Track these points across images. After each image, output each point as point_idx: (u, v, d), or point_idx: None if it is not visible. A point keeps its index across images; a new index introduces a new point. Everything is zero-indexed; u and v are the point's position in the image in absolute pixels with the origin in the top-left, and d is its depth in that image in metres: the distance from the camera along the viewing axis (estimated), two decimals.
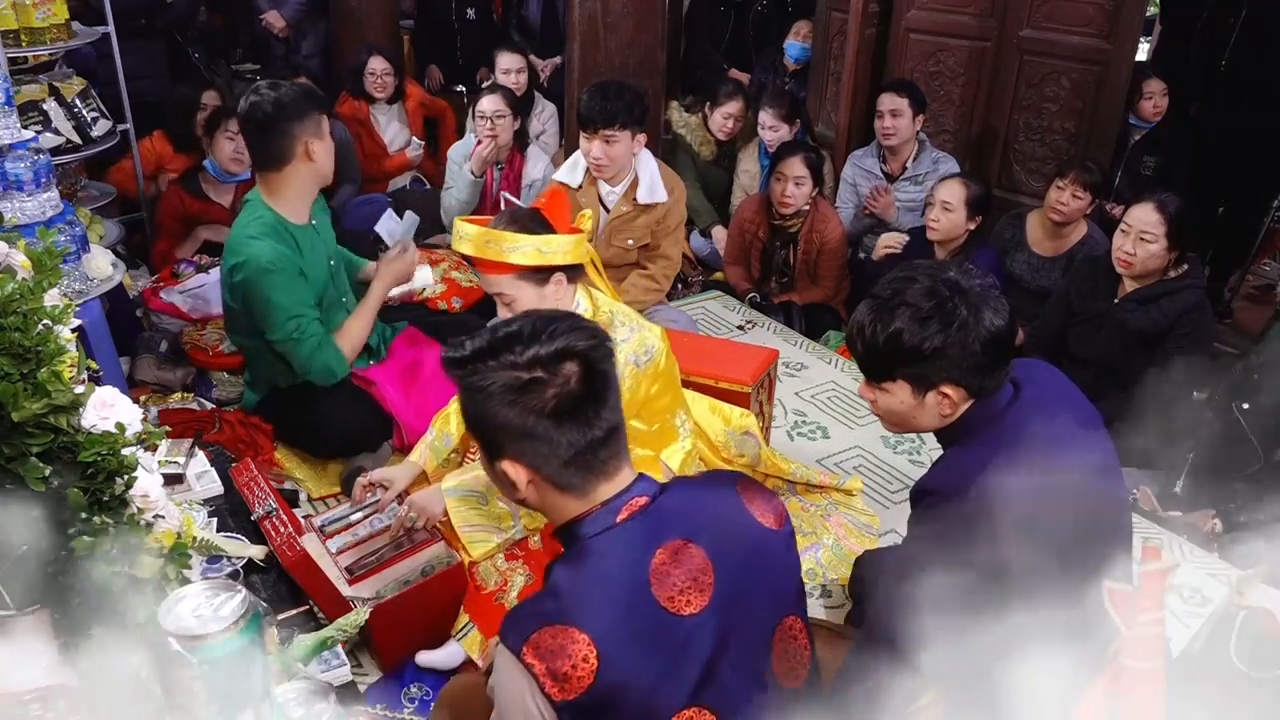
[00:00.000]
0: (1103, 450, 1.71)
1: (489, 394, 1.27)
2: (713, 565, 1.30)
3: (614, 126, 3.11)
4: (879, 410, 1.72)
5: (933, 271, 1.62)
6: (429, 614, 2.10)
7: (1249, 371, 2.82)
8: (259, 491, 2.25)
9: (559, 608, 1.23)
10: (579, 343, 1.29)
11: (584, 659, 1.19)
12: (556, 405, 1.26)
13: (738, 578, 1.32)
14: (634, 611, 1.25)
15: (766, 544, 1.39)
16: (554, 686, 1.19)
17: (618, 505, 1.31)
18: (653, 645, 1.25)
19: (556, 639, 1.20)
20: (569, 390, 1.26)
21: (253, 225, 2.55)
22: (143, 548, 1.29)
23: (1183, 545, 2.62)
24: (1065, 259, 3.56)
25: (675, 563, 1.29)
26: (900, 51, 4.50)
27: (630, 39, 3.99)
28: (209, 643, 1.08)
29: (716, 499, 1.41)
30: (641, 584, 1.26)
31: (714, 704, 1.28)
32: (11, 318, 1.26)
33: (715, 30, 5.89)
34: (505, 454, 1.30)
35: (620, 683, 1.21)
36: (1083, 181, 3.45)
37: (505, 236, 2.08)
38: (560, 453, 1.28)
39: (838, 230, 3.90)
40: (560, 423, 1.26)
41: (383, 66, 4.63)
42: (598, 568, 1.28)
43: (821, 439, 3.12)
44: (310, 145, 2.58)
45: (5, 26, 3.14)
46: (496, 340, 1.29)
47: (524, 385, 1.25)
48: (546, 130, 4.83)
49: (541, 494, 1.33)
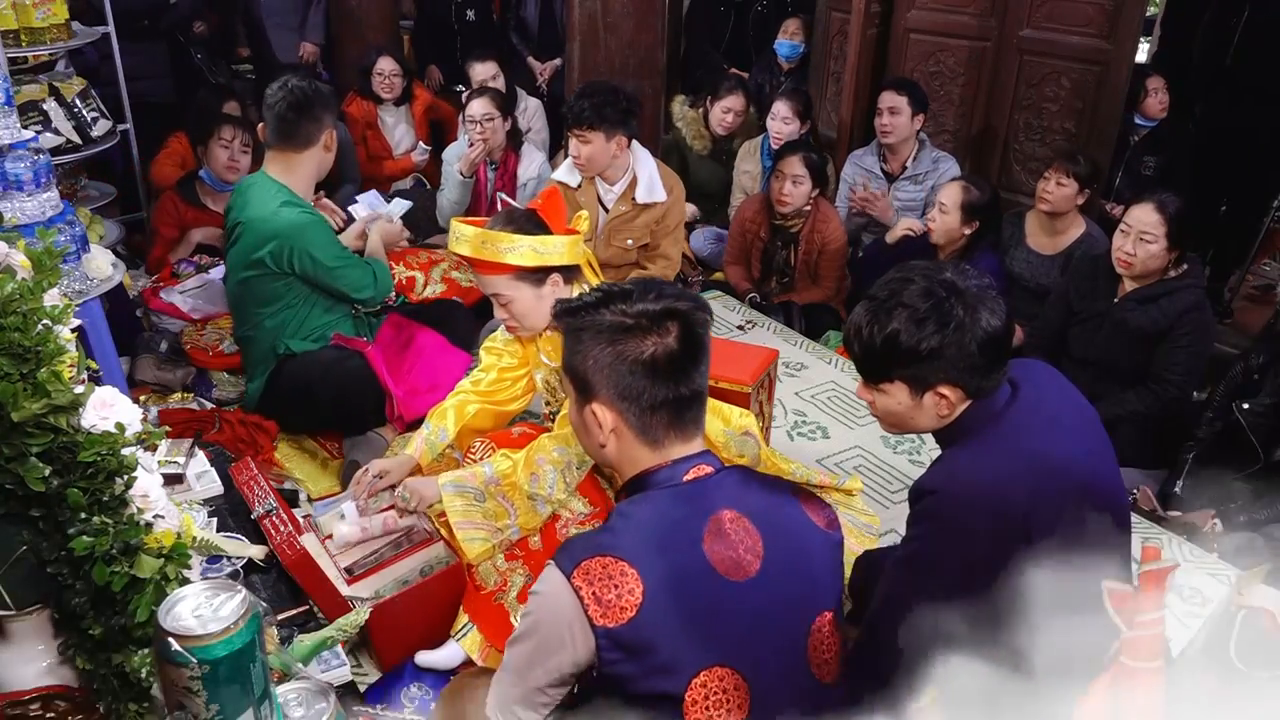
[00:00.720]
0: (1101, 450, 1.71)
1: (595, 335, 1.38)
2: (763, 543, 1.37)
3: (583, 126, 3.16)
4: (877, 411, 1.73)
5: (929, 272, 1.62)
6: (429, 614, 2.10)
7: (1249, 371, 2.82)
8: (259, 490, 2.25)
9: (614, 542, 1.31)
10: (682, 304, 1.40)
11: (630, 591, 1.26)
12: (653, 356, 1.36)
13: (784, 563, 1.38)
14: (683, 563, 1.31)
15: (815, 541, 1.45)
16: (598, 610, 1.25)
17: (686, 466, 1.40)
18: (696, 599, 1.30)
19: (607, 569, 1.27)
20: (666, 345, 1.37)
21: (276, 198, 2.72)
22: (143, 548, 1.29)
23: (1183, 545, 2.62)
24: (1064, 257, 3.56)
25: (730, 531, 1.35)
26: (900, 51, 4.51)
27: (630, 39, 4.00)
28: (209, 643, 1.08)
29: (776, 490, 1.49)
30: (695, 541, 1.33)
31: (745, 671, 1.32)
32: (11, 318, 1.26)
33: (715, 30, 5.88)
34: (597, 396, 1.40)
35: (660, 623, 1.26)
36: (1066, 169, 3.45)
37: (501, 237, 2.08)
38: (648, 402, 1.37)
39: (839, 230, 3.89)
40: (654, 374, 1.37)
41: (391, 67, 4.64)
42: (657, 515, 1.35)
43: (821, 439, 3.12)
44: (331, 136, 2.81)
45: (5, 26, 3.14)
46: (609, 293, 1.42)
47: (627, 329, 1.37)
48: (533, 127, 4.83)
49: (621, 442, 1.42)
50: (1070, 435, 1.65)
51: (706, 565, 1.32)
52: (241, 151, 3.68)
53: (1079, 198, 3.51)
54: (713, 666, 1.30)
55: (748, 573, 1.34)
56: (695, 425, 1.43)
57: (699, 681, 1.29)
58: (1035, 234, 3.66)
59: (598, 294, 1.43)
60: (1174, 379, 2.88)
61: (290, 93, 2.72)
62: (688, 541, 1.33)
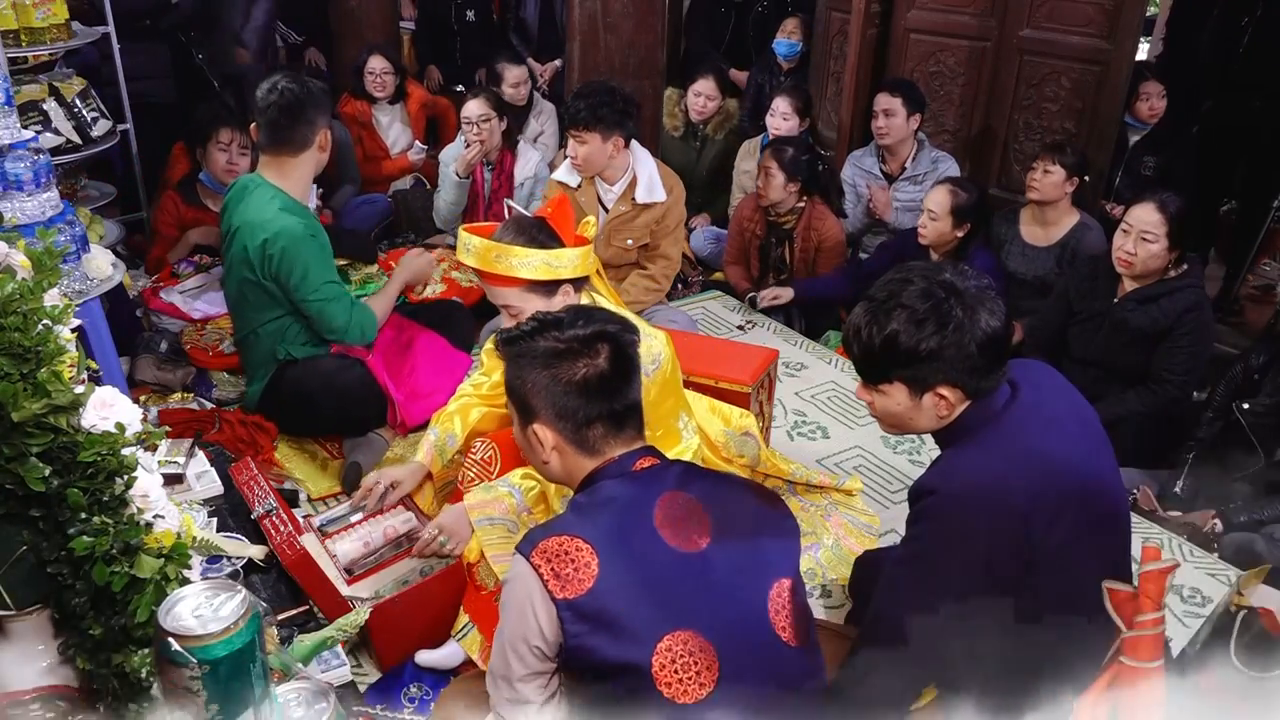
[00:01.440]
0: (1100, 450, 1.71)
1: (531, 361, 1.50)
2: (711, 518, 1.46)
3: (579, 127, 3.16)
4: (876, 412, 1.72)
5: (928, 273, 1.62)
6: (429, 614, 2.09)
7: (1249, 371, 2.82)
8: (259, 490, 2.25)
9: (568, 522, 1.42)
10: (611, 327, 1.53)
11: (586, 565, 1.35)
12: (585, 377, 1.48)
13: (734, 535, 1.47)
14: (636, 537, 1.41)
15: (763, 516, 1.54)
16: (556, 584, 1.34)
17: (633, 459, 1.51)
18: (650, 569, 1.39)
19: (563, 546, 1.37)
20: (597, 366, 1.48)
21: (274, 202, 2.67)
22: (143, 548, 1.29)
23: (1183, 545, 2.62)
24: (1058, 248, 3.57)
25: (679, 507, 1.45)
26: (900, 51, 4.51)
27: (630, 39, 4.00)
28: (209, 643, 1.08)
29: (721, 477, 1.62)
30: (646, 517, 1.42)
31: (709, 634, 1.38)
32: (11, 318, 1.26)
33: (716, 30, 5.89)
34: (537, 417, 1.51)
35: (618, 593, 1.35)
36: (1052, 157, 3.47)
37: (514, 251, 2.06)
38: (583, 419, 1.48)
39: (835, 228, 3.90)
40: (587, 393, 1.48)
41: (382, 65, 4.63)
42: (609, 498, 1.45)
43: (821, 439, 3.12)
44: (325, 136, 2.76)
45: (5, 26, 3.14)
46: (544, 322, 1.53)
47: (560, 354, 1.48)
48: (545, 130, 4.84)
49: (564, 458, 1.53)
50: (1069, 435, 1.65)
51: (658, 538, 1.41)
52: (240, 154, 3.67)
53: (1068, 185, 3.51)
54: (675, 630, 1.36)
55: (698, 545, 1.43)
56: (635, 430, 1.54)
57: (664, 646, 1.35)
58: (1029, 227, 3.67)
59: (533, 323, 1.54)
60: (1174, 379, 2.88)
61: (281, 95, 2.65)
62: (639, 518, 1.42)
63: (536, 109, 4.83)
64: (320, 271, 2.67)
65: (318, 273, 2.67)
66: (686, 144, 4.72)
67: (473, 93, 4.05)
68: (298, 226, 2.63)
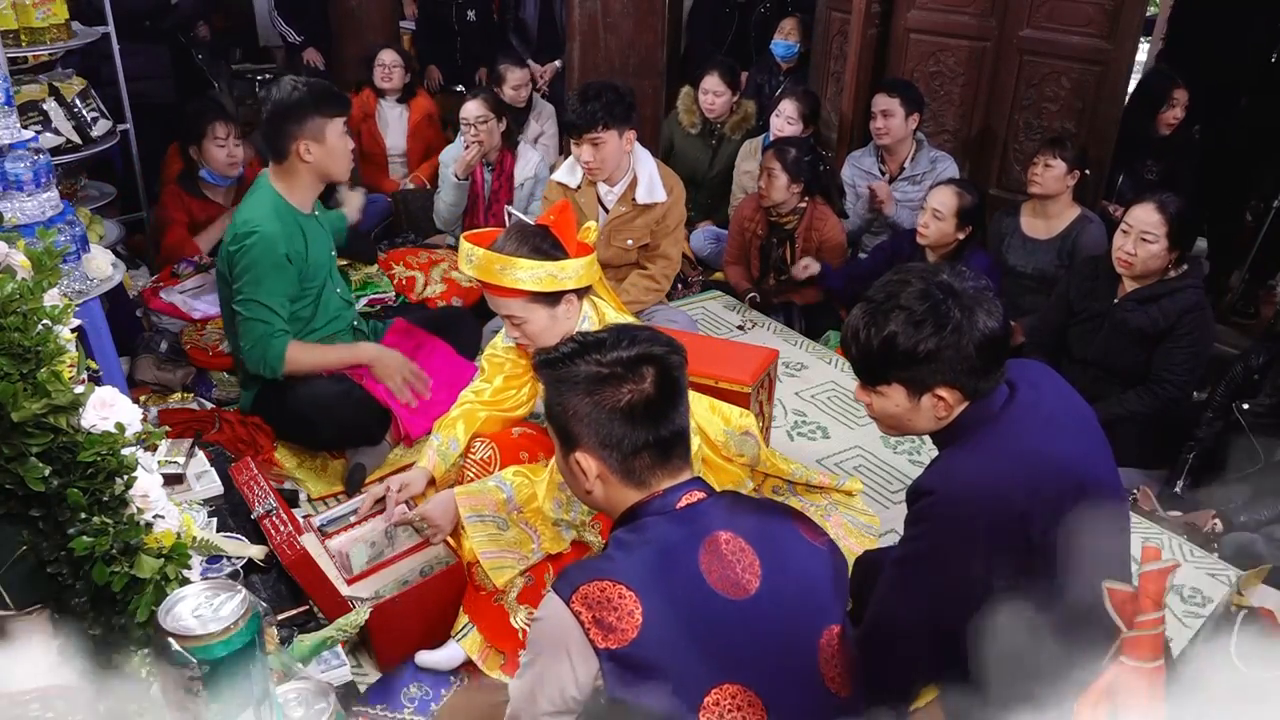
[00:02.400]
0: (1099, 450, 1.71)
1: (572, 386, 1.41)
2: (760, 561, 1.38)
3: (597, 129, 3.11)
4: (875, 414, 1.72)
5: (926, 274, 1.62)
6: (429, 614, 2.10)
7: (1249, 371, 2.82)
8: (259, 490, 2.25)
9: (612, 567, 1.33)
10: (657, 349, 1.43)
11: (629, 613, 1.28)
12: (631, 402, 1.39)
13: (784, 579, 1.39)
14: (681, 583, 1.33)
15: (813, 556, 1.46)
16: (599, 634, 1.27)
17: (678, 495, 1.42)
18: (697, 618, 1.32)
19: (604, 592, 1.29)
20: (643, 391, 1.40)
21: (264, 206, 2.65)
22: (143, 548, 1.29)
23: (1183, 545, 2.62)
24: (1059, 240, 3.58)
25: (726, 551, 1.37)
26: (900, 51, 4.51)
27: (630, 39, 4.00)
28: (209, 643, 1.08)
29: (769, 510, 1.52)
30: (691, 561, 1.34)
31: (757, 688, 1.32)
32: (11, 318, 1.26)
33: (718, 30, 5.89)
34: (580, 445, 1.42)
35: (663, 643, 1.28)
36: (1053, 151, 3.49)
37: (519, 263, 2.04)
38: (629, 448, 1.40)
39: (836, 229, 3.90)
40: (633, 420, 1.39)
41: (392, 59, 4.64)
42: (653, 540, 1.36)
43: (821, 439, 3.12)
44: (305, 147, 2.65)
45: (5, 26, 3.14)
46: (585, 344, 1.45)
47: (604, 379, 1.40)
48: (545, 131, 4.84)
49: (608, 487, 1.44)
50: (1068, 435, 1.65)
51: (705, 585, 1.33)
52: (236, 146, 3.69)
53: (1069, 178, 3.53)
54: (723, 684, 1.30)
55: (747, 591, 1.35)
56: (682, 460, 1.45)
57: (711, 700, 1.29)
58: (1030, 221, 3.68)
59: (574, 345, 1.45)
60: (1174, 379, 2.88)
61: (267, 102, 2.66)
62: (685, 563, 1.34)
63: (536, 110, 4.83)
64: (258, 286, 2.60)
65: (253, 285, 2.60)
66: (703, 141, 4.70)
67: (471, 94, 4.05)
68: (267, 233, 2.58)
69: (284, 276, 2.65)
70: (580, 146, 3.16)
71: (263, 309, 2.62)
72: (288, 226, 2.66)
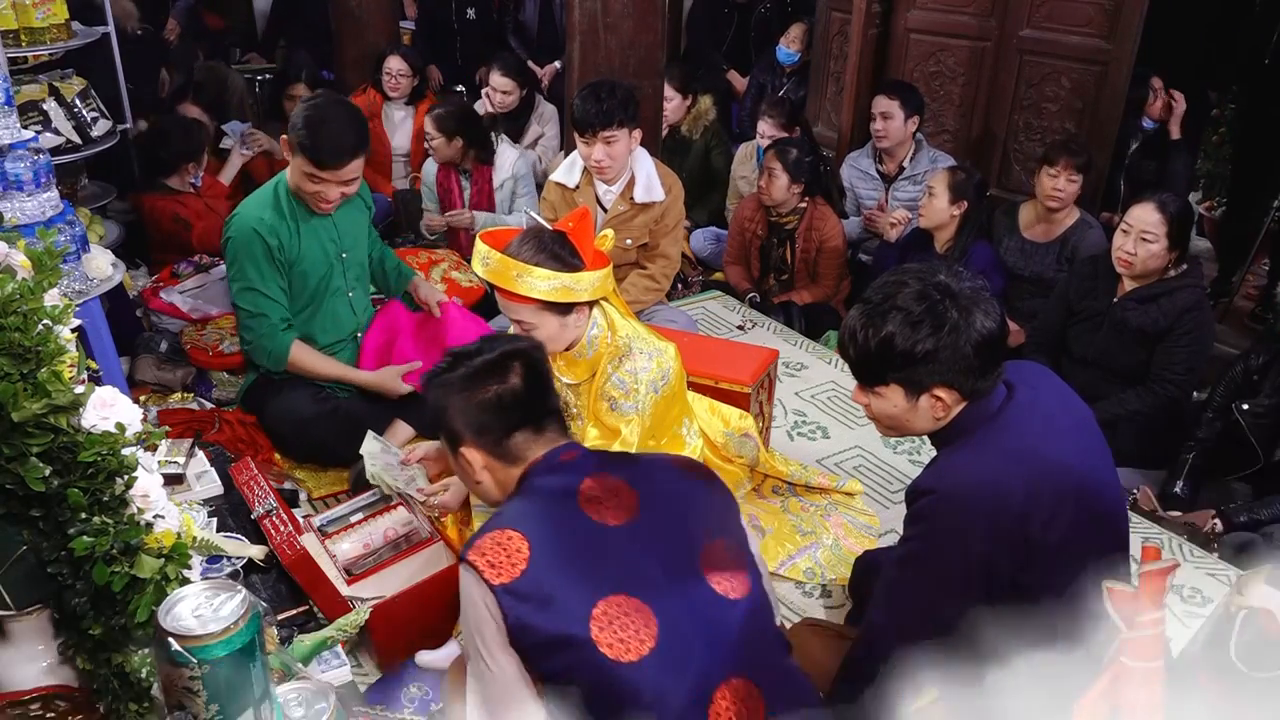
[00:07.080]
0: (1097, 450, 1.71)
1: (447, 391, 1.58)
2: (638, 494, 1.53)
3: (612, 127, 3.09)
4: (873, 415, 1.73)
5: (923, 275, 1.62)
6: (429, 614, 2.09)
7: (1249, 371, 2.82)
8: (259, 490, 2.25)
9: (499, 518, 1.49)
10: (520, 344, 1.62)
11: (517, 550, 1.42)
12: (498, 393, 1.56)
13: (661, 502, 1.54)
14: (562, 518, 1.49)
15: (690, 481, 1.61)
16: (491, 573, 1.40)
17: (558, 453, 1.57)
18: (579, 545, 1.46)
19: (495, 539, 1.44)
20: (511, 384, 1.56)
21: (265, 195, 2.69)
22: (143, 548, 1.29)
23: (1183, 545, 2.62)
24: (1059, 243, 3.58)
25: (602, 486, 1.52)
26: (901, 51, 4.51)
27: (630, 39, 3.98)
28: (209, 643, 1.08)
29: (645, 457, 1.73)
30: (570, 499, 1.50)
31: (642, 594, 1.42)
32: (11, 318, 1.26)
33: (718, 31, 5.89)
34: (463, 440, 1.58)
35: (550, 570, 1.41)
36: (1075, 165, 3.48)
37: (537, 272, 2.02)
38: (503, 432, 1.56)
39: (837, 229, 3.90)
40: (503, 411, 1.56)
41: (399, 67, 4.63)
42: (538, 488, 1.54)
43: (821, 439, 3.12)
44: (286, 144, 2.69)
45: (5, 26, 3.14)
46: (458, 355, 1.62)
47: (473, 377, 1.57)
48: (546, 133, 4.83)
49: (494, 474, 1.60)
50: (1066, 435, 1.65)
51: (584, 517, 1.48)
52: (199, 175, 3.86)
53: (1081, 189, 3.54)
54: (608, 596, 1.41)
55: (625, 519, 1.49)
56: (556, 432, 1.61)
57: (598, 612, 1.40)
58: (1029, 222, 3.68)
59: (449, 358, 1.62)
60: (1174, 379, 2.88)
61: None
62: (565, 501, 1.50)
63: (538, 111, 4.81)
64: (243, 273, 2.62)
65: (239, 273, 2.63)
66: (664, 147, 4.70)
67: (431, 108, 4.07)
68: (246, 217, 2.62)
69: (270, 263, 2.65)
70: (592, 145, 3.14)
71: (256, 296, 2.64)
72: (279, 218, 2.65)
